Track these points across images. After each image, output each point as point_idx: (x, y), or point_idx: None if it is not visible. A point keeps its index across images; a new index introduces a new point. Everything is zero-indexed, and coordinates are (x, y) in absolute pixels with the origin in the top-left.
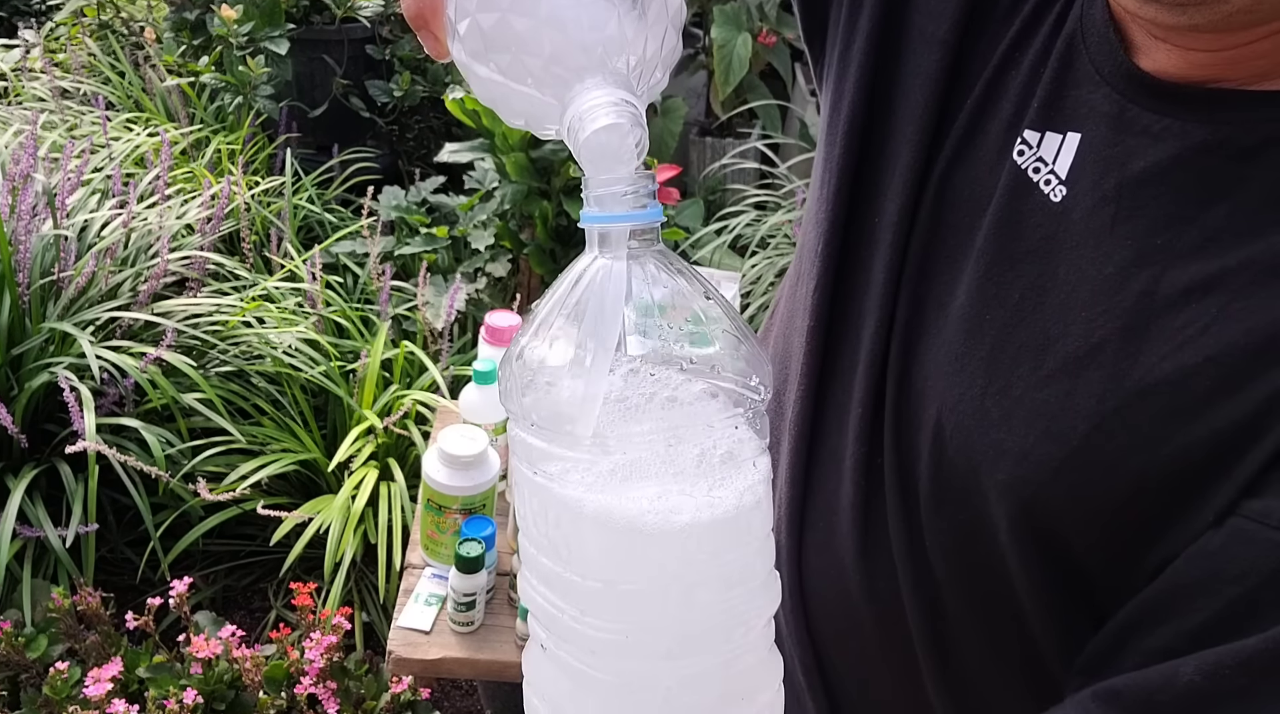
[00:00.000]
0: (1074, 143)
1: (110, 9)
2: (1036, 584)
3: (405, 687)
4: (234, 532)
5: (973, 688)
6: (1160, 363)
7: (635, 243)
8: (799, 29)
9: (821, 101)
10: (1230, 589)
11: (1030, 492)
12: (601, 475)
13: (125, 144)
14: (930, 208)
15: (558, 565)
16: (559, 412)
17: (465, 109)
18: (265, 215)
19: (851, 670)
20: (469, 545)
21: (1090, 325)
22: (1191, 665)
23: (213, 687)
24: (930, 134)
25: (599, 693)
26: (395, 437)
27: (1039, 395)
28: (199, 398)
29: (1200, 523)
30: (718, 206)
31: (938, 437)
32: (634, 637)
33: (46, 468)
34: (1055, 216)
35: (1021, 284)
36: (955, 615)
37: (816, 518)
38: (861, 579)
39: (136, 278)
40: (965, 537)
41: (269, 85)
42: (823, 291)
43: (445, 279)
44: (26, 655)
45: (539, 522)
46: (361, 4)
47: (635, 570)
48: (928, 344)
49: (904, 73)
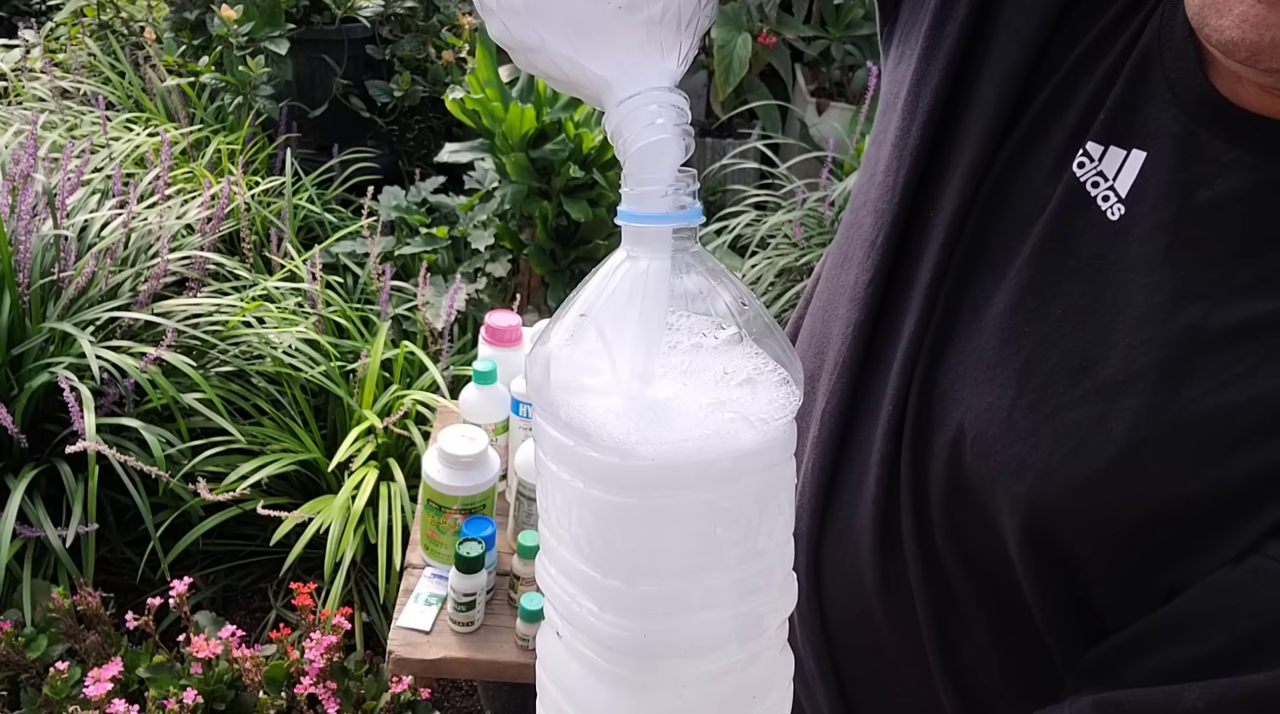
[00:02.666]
0: (1138, 161)
1: (110, 9)
2: (1041, 591)
3: (405, 687)
4: (234, 532)
5: (980, 683)
6: (1202, 398)
7: (673, 239)
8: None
9: (889, 69)
10: (1244, 624)
11: (1047, 508)
12: (630, 472)
13: (125, 144)
14: (982, 209)
15: (578, 560)
16: (592, 412)
17: (465, 109)
18: (265, 215)
19: (863, 659)
20: (469, 545)
21: (1133, 352)
22: (1197, 692)
23: (213, 687)
24: (999, 135)
25: (612, 685)
26: (395, 437)
27: (1071, 415)
28: (199, 398)
29: (1220, 556)
30: (718, 206)
31: (957, 441)
32: (652, 636)
33: (46, 468)
34: (1110, 235)
35: (1065, 300)
36: (964, 612)
37: (839, 508)
38: (876, 572)
39: (136, 278)
40: (975, 541)
41: (269, 85)
42: (876, 285)
43: (445, 279)
44: (26, 655)
45: (561, 517)
46: (361, 4)
47: (656, 569)
48: (958, 347)
49: (986, 66)
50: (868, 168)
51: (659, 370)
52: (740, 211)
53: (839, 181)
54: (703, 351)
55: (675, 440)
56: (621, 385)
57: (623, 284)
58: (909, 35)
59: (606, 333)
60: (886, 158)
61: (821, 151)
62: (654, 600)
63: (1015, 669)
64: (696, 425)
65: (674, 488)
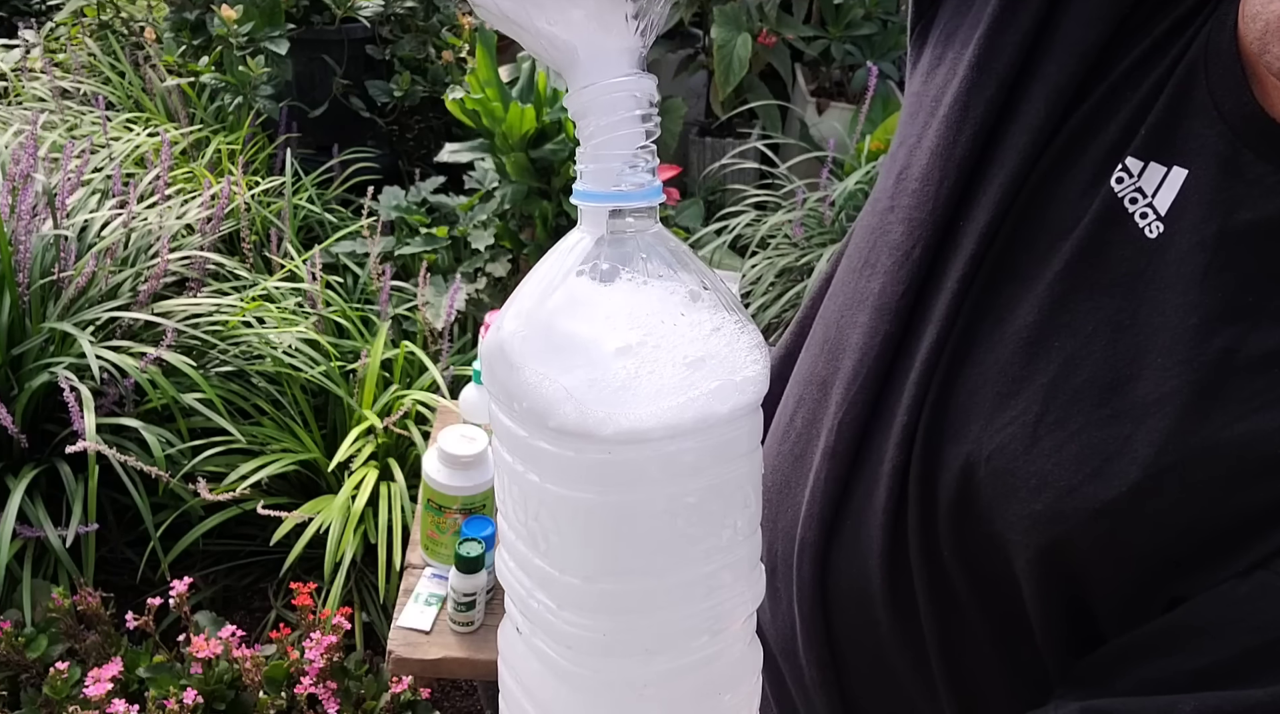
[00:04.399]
0: (1178, 179)
1: (110, 9)
2: (1044, 607)
3: (405, 687)
4: (234, 532)
5: (983, 695)
6: (1232, 424)
7: (632, 219)
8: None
9: (923, 70)
10: (1246, 639)
11: (1065, 529)
12: (587, 466)
13: (125, 144)
14: (1015, 221)
15: (535, 556)
16: (552, 396)
17: (465, 109)
18: (265, 215)
19: (866, 671)
20: (469, 545)
21: (1164, 373)
22: (1191, 705)
23: (213, 687)
24: (1041, 147)
25: (572, 684)
26: (395, 437)
27: (1097, 434)
28: (199, 398)
29: (1227, 570)
30: (718, 206)
31: (971, 454)
32: (612, 635)
33: (46, 468)
34: (1146, 253)
35: (1098, 316)
36: (968, 624)
37: (849, 518)
38: (884, 582)
39: (136, 278)
40: (981, 555)
41: (269, 85)
42: (910, 297)
43: (445, 279)
44: (26, 655)
45: (518, 509)
46: (361, 4)
47: (616, 566)
48: (978, 359)
49: (1038, 78)
50: (892, 171)
51: (623, 347)
52: (740, 211)
53: (839, 181)
54: (667, 328)
55: (646, 411)
56: (583, 364)
57: (569, 268)
58: (951, 38)
59: (562, 315)
60: (924, 166)
61: (822, 151)
62: (614, 598)
63: (1019, 682)
64: (666, 395)
65: (634, 482)
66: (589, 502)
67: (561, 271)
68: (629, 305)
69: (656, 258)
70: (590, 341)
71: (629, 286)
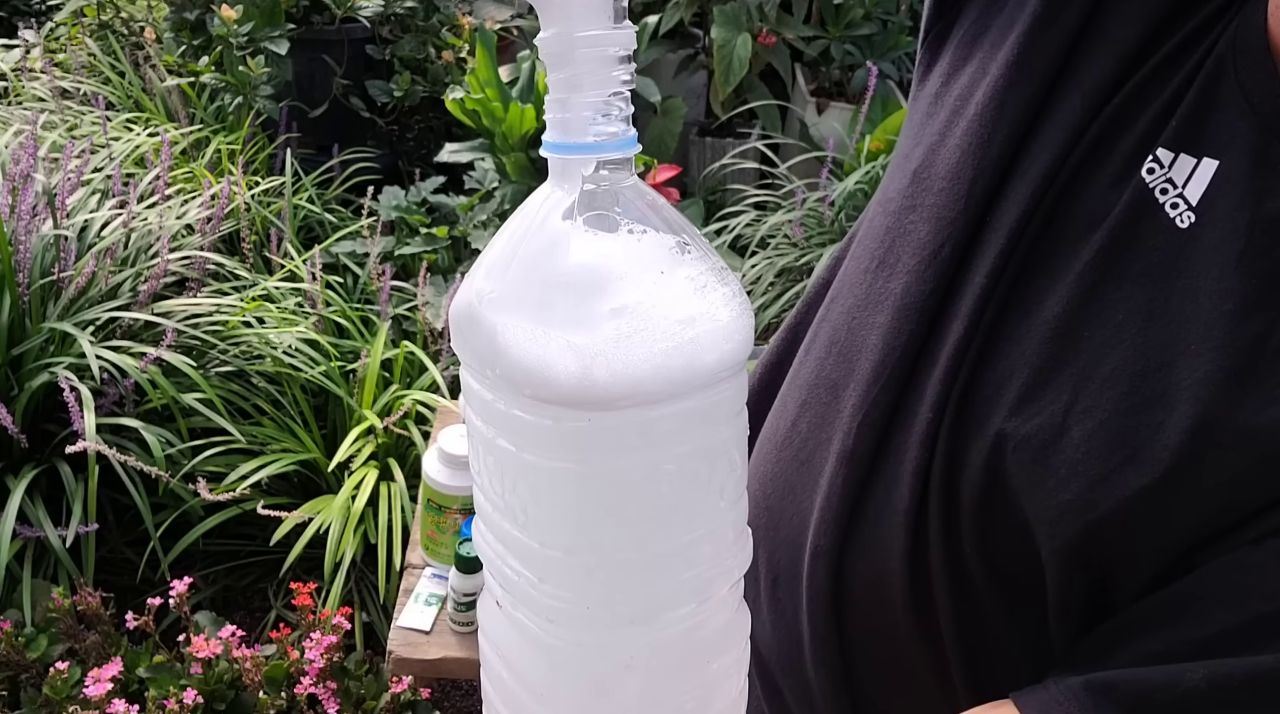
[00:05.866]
0: (1209, 169)
1: (110, 9)
2: (1065, 598)
3: (405, 687)
4: (234, 532)
5: (1003, 695)
6: (1265, 409)
7: (606, 172)
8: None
9: (942, 69)
10: (1258, 605)
11: (1095, 517)
12: (565, 435)
13: (125, 144)
14: (1045, 215)
15: (515, 529)
16: (521, 367)
17: (465, 109)
18: (265, 215)
19: (882, 678)
20: (469, 545)
21: (1197, 359)
22: (1200, 672)
23: (213, 687)
24: (1074, 144)
25: (556, 657)
26: (395, 437)
27: (1128, 421)
28: (199, 398)
29: (1238, 540)
30: (718, 206)
31: (997, 446)
32: (595, 608)
33: (46, 468)
34: (1178, 243)
35: (1129, 305)
36: (989, 623)
37: (864, 521)
38: (905, 584)
39: (136, 278)
40: (1004, 550)
41: (269, 85)
42: (939, 296)
43: (445, 279)
44: (26, 655)
45: (494, 481)
46: (361, 4)
47: (598, 538)
48: (1004, 351)
49: (1076, 78)
50: (906, 171)
51: (602, 304)
52: (740, 211)
53: (839, 181)
54: (649, 283)
55: (629, 370)
56: (561, 325)
57: (541, 225)
58: (979, 39)
59: (538, 274)
60: (953, 164)
61: (821, 151)
62: (596, 571)
63: (1040, 679)
64: (651, 350)
65: (615, 450)
66: (569, 472)
67: (534, 230)
68: (607, 262)
69: (635, 211)
70: (569, 300)
71: (607, 242)
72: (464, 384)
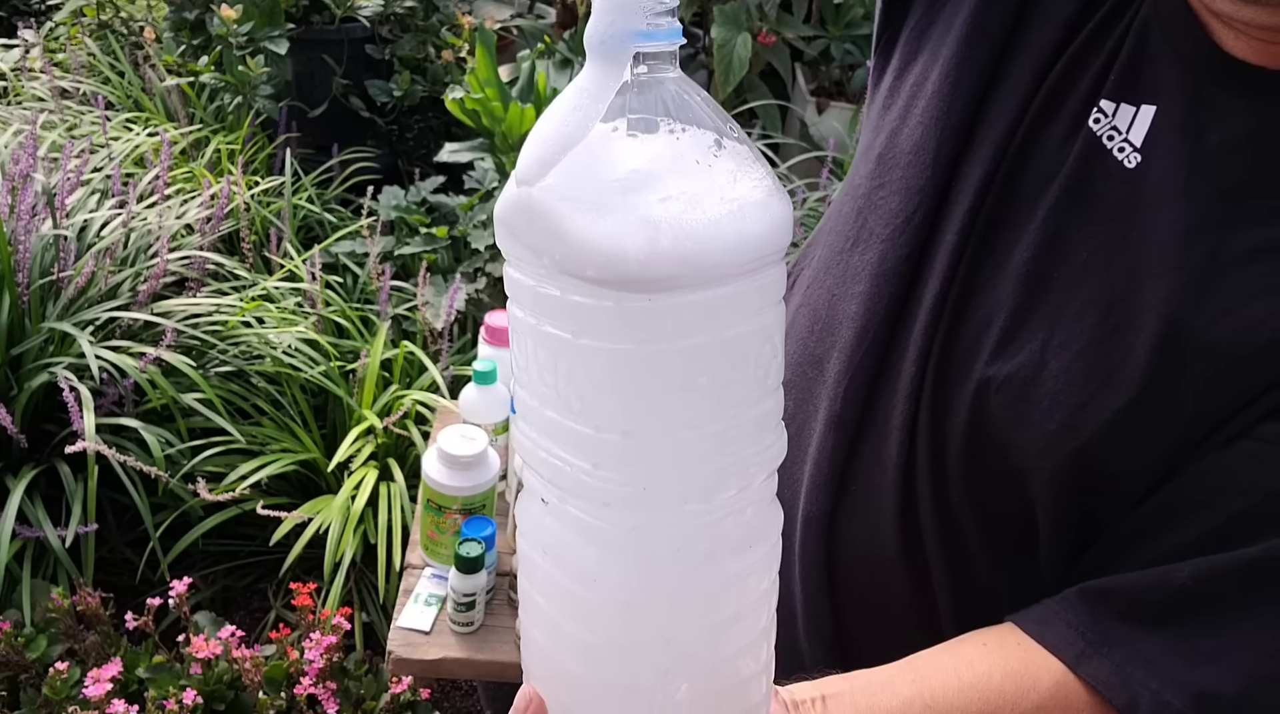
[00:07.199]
0: (1148, 114)
1: (110, 9)
2: (1057, 535)
3: (405, 687)
4: (234, 532)
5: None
6: (1223, 318)
7: (645, 68)
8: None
9: (895, 66)
10: (1233, 503)
11: (1080, 442)
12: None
13: (125, 144)
14: (1005, 173)
15: (568, 419)
16: (584, 250)
17: (465, 109)
18: (265, 215)
19: (873, 640)
20: (469, 545)
21: (1158, 282)
22: (1187, 570)
23: (212, 687)
24: (1026, 106)
25: (607, 544)
26: (395, 437)
27: (1102, 348)
28: (199, 398)
29: (1211, 446)
30: None
31: (980, 391)
32: (651, 488)
33: (46, 468)
34: (1128, 181)
35: (1091, 244)
36: (979, 572)
37: (855, 483)
38: (898, 538)
39: (136, 278)
40: (993, 494)
41: (269, 85)
42: (914, 259)
43: (445, 279)
44: (26, 655)
45: (545, 375)
46: (361, 4)
47: (655, 419)
48: (979, 303)
49: (1023, 45)
50: (868, 159)
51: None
52: None
53: (839, 181)
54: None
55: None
56: (619, 209)
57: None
58: (925, 34)
59: (594, 162)
60: (916, 139)
61: (821, 151)
62: (653, 451)
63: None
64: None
65: (673, 330)
66: (628, 353)
67: (582, 120)
68: (652, 161)
69: (680, 103)
70: (621, 194)
71: (649, 143)
72: (510, 283)
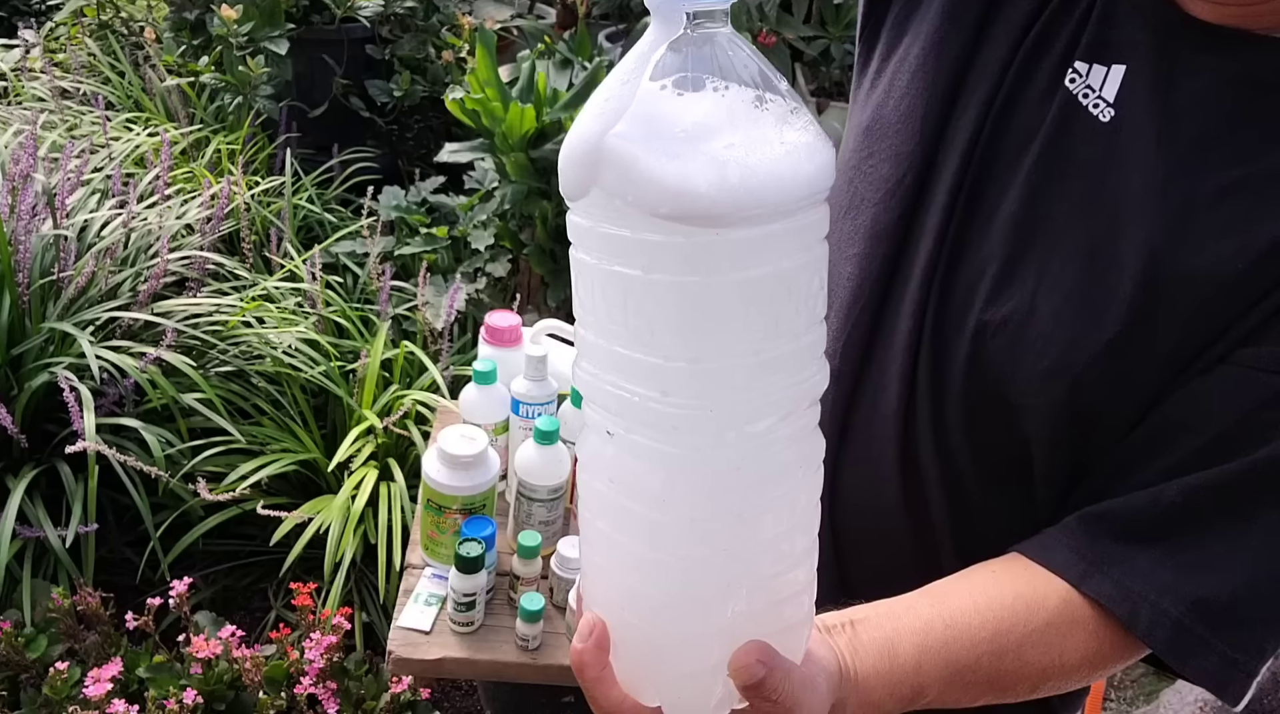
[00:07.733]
0: (1119, 73)
1: (110, 9)
2: (1054, 466)
3: (405, 687)
4: (234, 532)
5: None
6: (1199, 254)
7: (702, 24)
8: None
9: (880, 55)
10: (1214, 425)
11: (1074, 375)
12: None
13: (125, 144)
14: (989, 134)
15: (637, 351)
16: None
17: (465, 109)
18: (265, 215)
19: (874, 587)
20: (469, 545)
21: (1137, 228)
22: (1175, 489)
23: (213, 687)
24: (1005, 71)
25: (675, 467)
26: (395, 437)
27: (1090, 290)
28: (199, 398)
29: (1193, 373)
30: None
31: (977, 336)
32: (718, 410)
33: (46, 468)
34: (1104, 135)
35: (1073, 195)
36: (979, 514)
37: (854, 433)
38: (898, 485)
39: (136, 278)
40: (991, 435)
41: (269, 85)
42: (907, 219)
43: (445, 279)
44: (26, 655)
45: (615, 312)
46: (361, 4)
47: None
48: (969, 258)
49: (1001, 18)
50: (855, 133)
51: (711, 142)
52: None
53: None
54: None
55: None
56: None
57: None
58: (907, 19)
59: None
60: (904, 108)
61: None
62: (720, 375)
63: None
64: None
65: (739, 262)
66: (696, 285)
67: (645, 75)
68: (717, 101)
69: (731, 56)
70: (685, 145)
71: (698, 101)
72: (575, 229)
